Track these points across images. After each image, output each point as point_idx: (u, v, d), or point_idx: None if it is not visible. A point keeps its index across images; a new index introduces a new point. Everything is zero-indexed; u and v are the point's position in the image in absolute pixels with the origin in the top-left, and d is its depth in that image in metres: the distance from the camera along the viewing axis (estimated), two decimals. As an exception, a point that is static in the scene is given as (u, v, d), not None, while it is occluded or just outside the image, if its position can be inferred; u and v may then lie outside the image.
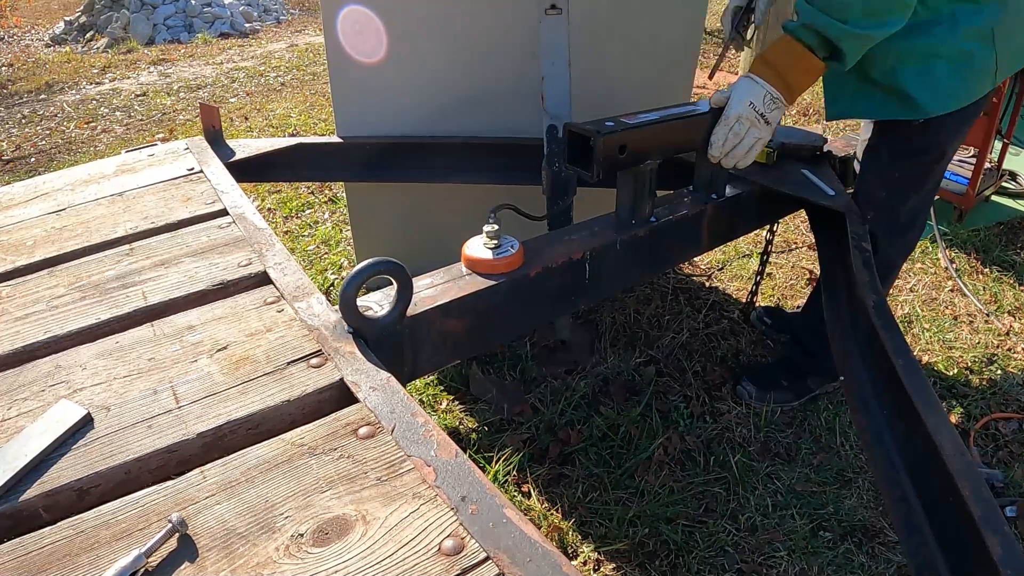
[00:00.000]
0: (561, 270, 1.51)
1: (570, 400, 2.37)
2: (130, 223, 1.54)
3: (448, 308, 1.33)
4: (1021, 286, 3.19)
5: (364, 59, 2.27)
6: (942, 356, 2.69)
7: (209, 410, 1.04)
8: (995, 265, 3.34)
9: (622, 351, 2.63)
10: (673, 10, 2.39)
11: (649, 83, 2.47)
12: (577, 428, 2.27)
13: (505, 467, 2.09)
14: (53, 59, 7.85)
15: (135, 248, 1.45)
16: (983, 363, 2.65)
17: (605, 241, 1.60)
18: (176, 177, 1.75)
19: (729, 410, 2.34)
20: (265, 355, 1.14)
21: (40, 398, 1.08)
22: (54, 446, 0.99)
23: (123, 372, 1.12)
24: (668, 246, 1.82)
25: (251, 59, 7.55)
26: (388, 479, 0.92)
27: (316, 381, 1.09)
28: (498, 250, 1.42)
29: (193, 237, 1.48)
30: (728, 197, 1.91)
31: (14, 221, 1.57)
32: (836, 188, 2.02)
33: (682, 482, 2.10)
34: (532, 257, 1.49)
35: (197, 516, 0.88)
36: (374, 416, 1.02)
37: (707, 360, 2.59)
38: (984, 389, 2.52)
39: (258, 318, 1.23)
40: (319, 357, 1.13)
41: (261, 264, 1.37)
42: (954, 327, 2.89)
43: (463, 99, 2.33)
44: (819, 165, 2.14)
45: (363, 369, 1.10)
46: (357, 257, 2.92)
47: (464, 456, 0.95)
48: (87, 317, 1.24)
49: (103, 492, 0.96)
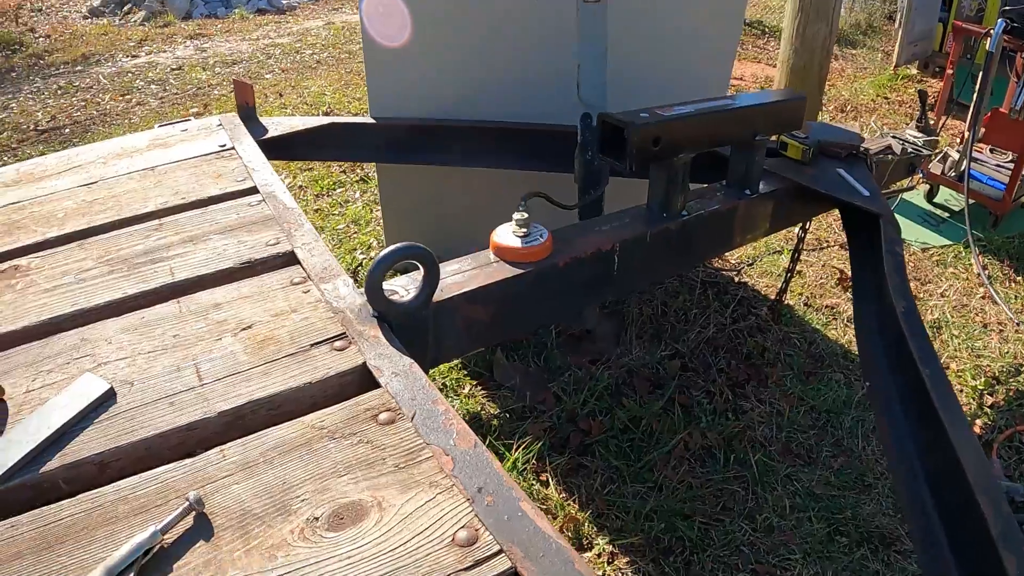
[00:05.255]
0: (590, 261, 1.50)
1: (593, 390, 2.36)
2: (161, 198, 1.55)
3: (474, 295, 1.32)
4: (1054, 296, 3.09)
5: (388, 42, 2.27)
6: (970, 364, 2.65)
7: (231, 389, 1.05)
8: None
9: (648, 343, 2.62)
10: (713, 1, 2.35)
11: (687, 74, 2.43)
12: (599, 419, 2.26)
13: (525, 455, 2.09)
14: (90, 31, 7.92)
15: (164, 224, 1.46)
16: (1011, 373, 2.60)
17: (636, 233, 1.58)
18: (208, 153, 1.76)
19: (752, 408, 2.32)
20: (289, 336, 1.15)
21: (65, 371, 1.09)
22: (77, 419, 1.00)
23: (148, 348, 1.13)
24: (699, 241, 1.79)
25: (287, 36, 7.57)
26: (406, 466, 0.92)
27: (339, 364, 1.09)
28: (527, 238, 1.41)
29: (222, 214, 1.49)
30: (762, 194, 1.88)
31: (46, 192, 1.59)
32: (871, 188, 1.97)
33: (701, 478, 2.08)
34: (561, 247, 1.47)
35: (215, 495, 0.89)
36: (395, 402, 1.01)
37: (732, 357, 2.57)
38: (1011, 400, 2.48)
39: (284, 298, 1.23)
40: (343, 340, 1.13)
41: (289, 244, 1.37)
42: (983, 335, 2.84)
43: (497, 83, 2.32)
44: (855, 164, 2.09)
45: (386, 354, 1.10)
46: (386, 238, 2.93)
47: (483, 446, 0.95)
48: (114, 291, 1.25)
49: (123, 466, 0.97)
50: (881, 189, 2.50)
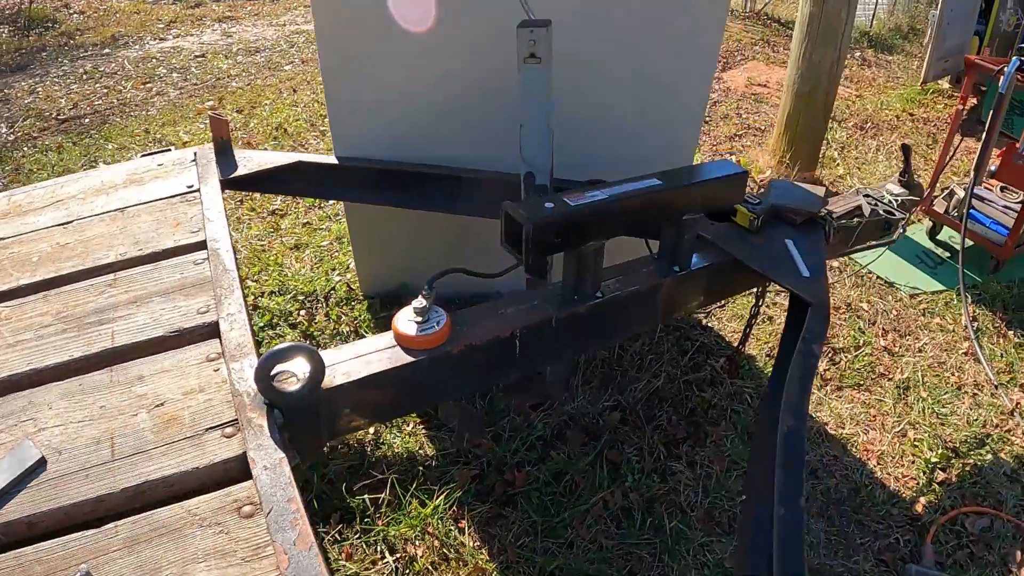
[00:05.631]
0: (487, 348, 1.57)
1: (526, 439, 2.35)
2: (122, 247, 1.77)
3: (369, 381, 1.48)
4: (1046, 354, 2.87)
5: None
6: (929, 433, 2.53)
7: (135, 467, 1.28)
8: (1022, 327, 3.09)
9: (595, 390, 2.56)
10: (684, 64, 2.39)
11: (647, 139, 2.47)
12: (525, 470, 2.26)
13: (447, 502, 2.12)
14: (123, 8, 8.05)
15: (119, 278, 1.68)
16: (973, 445, 2.49)
17: (540, 318, 1.63)
18: (175, 195, 1.96)
19: (682, 470, 2.28)
20: (191, 417, 1.37)
21: (13, 432, 1.34)
22: (14, 483, 1.26)
23: (79, 417, 1.37)
24: (617, 319, 1.80)
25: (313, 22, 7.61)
26: (251, 560, 1.15)
27: (224, 452, 1.31)
28: (423, 326, 1.53)
29: (169, 272, 1.70)
30: (692, 271, 1.87)
31: (28, 230, 1.82)
32: (814, 265, 1.89)
33: (614, 540, 2.08)
34: (459, 332, 1.56)
35: (104, 567, 1.14)
36: (258, 496, 1.24)
37: (675, 411, 2.50)
38: (965, 476, 2.35)
39: (197, 375, 1.45)
40: (233, 427, 1.35)
41: (216, 314, 1.58)
42: (954, 399, 2.68)
43: (460, 128, 2.40)
44: (810, 232, 2.04)
45: (264, 446, 1.32)
46: (357, 270, 3.01)
47: (316, 549, 1.17)
48: (62, 353, 1.49)
49: (47, 527, 1.22)
50: (849, 251, 2.38)
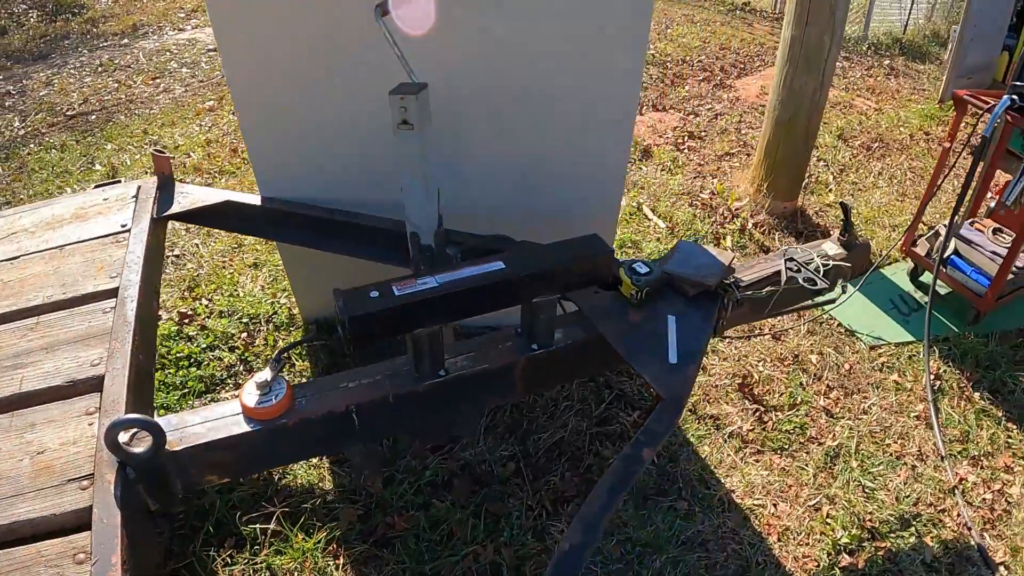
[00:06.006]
0: (322, 421, 1.74)
1: (414, 483, 2.40)
2: (51, 289, 2.12)
3: (212, 445, 1.77)
4: (1008, 422, 2.59)
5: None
6: (846, 510, 2.29)
7: (9, 508, 1.66)
8: (991, 390, 2.79)
9: (499, 436, 2.52)
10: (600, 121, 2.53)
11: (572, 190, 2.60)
12: (408, 514, 2.31)
13: (328, 538, 2.21)
14: None
15: (40, 323, 2.03)
16: (895, 526, 2.27)
17: (378, 395, 1.76)
18: (107, 235, 2.28)
19: (560, 531, 2.27)
20: (61, 467, 1.74)
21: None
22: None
23: (-22, 457, 1.76)
24: (466, 395, 1.86)
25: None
26: (72, 602, 1.53)
27: (76, 503, 1.66)
28: (263, 398, 1.78)
29: (80, 319, 2.04)
30: (551, 350, 1.89)
31: (-18, 263, 2.19)
32: (687, 352, 1.80)
33: None
34: (298, 405, 1.77)
35: (-31, 591, 1.54)
36: (91, 547, 1.60)
37: (571, 467, 2.44)
38: (875, 562, 2.16)
39: (75, 428, 1.81)
40: (88, 480, 1.71)
41: (104, 367, 1.92)
42: (888, 471, 2.43)
43: (367, 176, 2.55)
44: (703, 305, 1.97)
45: (107, 503, 1.66)
46: (295, 297, 3.17)
47: (120, 600, 1.54)
48: (-22, 396, 1.87)
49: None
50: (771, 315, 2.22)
